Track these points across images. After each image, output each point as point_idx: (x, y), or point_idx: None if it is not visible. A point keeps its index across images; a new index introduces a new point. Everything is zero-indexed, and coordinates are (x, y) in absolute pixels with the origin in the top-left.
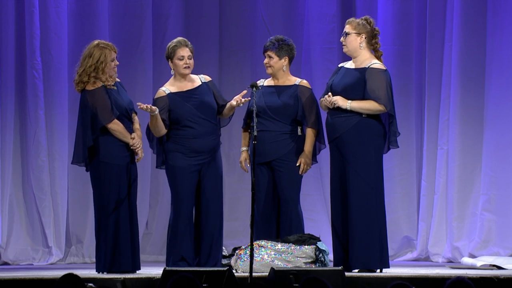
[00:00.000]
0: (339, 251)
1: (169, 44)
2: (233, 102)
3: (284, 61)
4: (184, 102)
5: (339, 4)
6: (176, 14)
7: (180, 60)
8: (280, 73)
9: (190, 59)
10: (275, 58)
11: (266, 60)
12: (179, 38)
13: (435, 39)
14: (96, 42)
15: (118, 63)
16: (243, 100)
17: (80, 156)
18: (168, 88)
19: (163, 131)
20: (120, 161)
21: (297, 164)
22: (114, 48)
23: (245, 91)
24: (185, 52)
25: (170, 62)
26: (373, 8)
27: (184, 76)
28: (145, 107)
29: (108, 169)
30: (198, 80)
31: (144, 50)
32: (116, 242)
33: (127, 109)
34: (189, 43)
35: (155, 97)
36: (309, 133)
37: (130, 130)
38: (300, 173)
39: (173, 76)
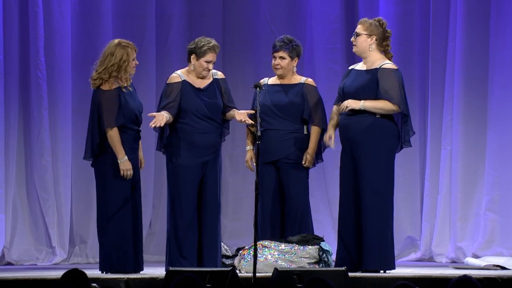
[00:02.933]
0: (342, 251)
1: (202, 41)
2: (237, 117)
3: (295, 62)
4: (195, 97)
5: (342, 4)
6: (179, 14)
7: (207, 63)
8: (289, 74)
9: (213, 64)
10: (288, 59)
11: (277, 61)
12: (214, 42)
13: (438, 39)
14: (116, 41)
15: (138, 62)
16: (248, 122)
17: (89, 151)
18: (184, 76)
19: (171, 119)
20: None
21: (303, 163)
22: (135, 47)
23: (252, 111)
24: (213, 58)
25: (194, 57)
26: (375, 8)
27: (200, 77)
28: (159, 124)
29: (114, 170)
30: (210, 75)
31: (147, 50)
32: (119, 242)
33: (137, 114)
34: (219, 49)
35: (170, 81)
36: (314, 131)
37: (136, 135)
38: (303, 163)
39: (188, 69)
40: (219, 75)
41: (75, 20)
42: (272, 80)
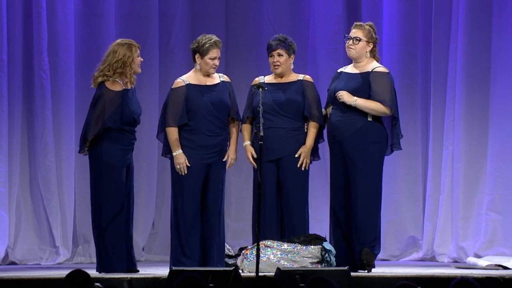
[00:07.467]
0: (341, 247)
1: (203, 39)
2: (228, 154)
3: (291, 59)
4: (201, 95)
5: (345, 4)
6: (182, 14)
7: (212, 60)
8: (287, 72)
9: (219, 60)
10: (285, 56)
11: (276, 59)
12: (215, 38)
13: (440, 39)
14: (118, 40)
15: (142, 59)
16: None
17: (82, 145)
18: (187, 79)
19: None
20: (122, 164)
21: (296, 156)
22: (137, 44)
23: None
24: (218, 53)
25: (198, 57)
26: (378, 8)
27: (207, 74)
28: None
29: (110, 170)
30: (217, 78)
31: (150, 50)
32: (112, 242)
33: (135, 117)
34: (221, 44)
35: (173, 86)
36: (312, 127)
37: (132, 137)
38: (298, 165)
39: (194, 70)
40: (226, 78)
41: (78, 21)
42: (269, 79)
